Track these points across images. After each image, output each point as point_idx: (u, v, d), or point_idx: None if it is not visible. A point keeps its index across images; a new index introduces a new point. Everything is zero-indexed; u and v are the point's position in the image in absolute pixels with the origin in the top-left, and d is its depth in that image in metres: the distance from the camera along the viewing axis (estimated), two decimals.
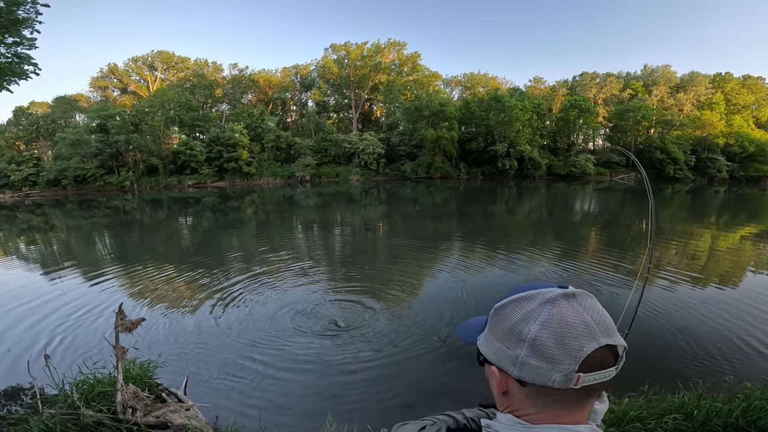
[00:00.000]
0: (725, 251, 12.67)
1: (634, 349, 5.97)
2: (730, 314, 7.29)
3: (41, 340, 6.53)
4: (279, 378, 5.43)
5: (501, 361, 0.70)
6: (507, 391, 0.72)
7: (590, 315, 0.65)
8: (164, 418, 3.94)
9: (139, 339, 6.50)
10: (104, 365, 4.66)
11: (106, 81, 51.08)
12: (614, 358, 0.65)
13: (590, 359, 0.62)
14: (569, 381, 0.62)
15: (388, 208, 24.76)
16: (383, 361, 5.84)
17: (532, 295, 0.69)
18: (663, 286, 8.76)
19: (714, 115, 43.00)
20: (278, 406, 4.84)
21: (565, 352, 0.62)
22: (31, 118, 42.58)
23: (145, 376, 4.90)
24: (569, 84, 51.46)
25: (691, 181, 39.93)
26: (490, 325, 0.75)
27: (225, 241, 14.85)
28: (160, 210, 26.60)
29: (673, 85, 48.87)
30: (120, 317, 4.84)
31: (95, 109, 41.15)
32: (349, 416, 4.49)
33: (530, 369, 0.65)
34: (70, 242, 16.30)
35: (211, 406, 4.74)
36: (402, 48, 49.24)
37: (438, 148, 39.32)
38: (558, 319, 0.64)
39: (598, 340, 0.63)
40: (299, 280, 9.31)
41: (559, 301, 0.66)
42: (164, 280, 9.74)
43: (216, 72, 52.49)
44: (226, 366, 5.71)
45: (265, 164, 41.30)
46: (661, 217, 19.88)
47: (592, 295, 0.69)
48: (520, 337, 0.66)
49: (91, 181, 37.38)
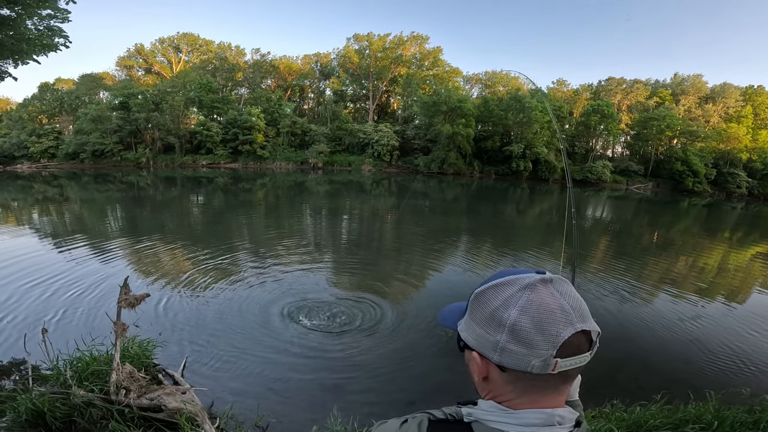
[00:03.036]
0: (736, 267, 12.43)
1: (642, 357, 5.98)
2: (740, 327, 7.29)
3: (43, 313, 6.45)
4: (280, 366, 5.32)
5: (482, 347, 0.70)
6: (487, 377, 0.72)
7: (567, 300, 0.66)
8: (159, 401, 3.79)
9: (141, 316, 6.39)
10: (102, 342, 4.60)
11: (132, 60, 51.98)
12: (589, 344, 0.66)
13: (567, 345, 0.63)
14: (547, 366, 0.63)
15: (398, 200, 24.68)
16: (387, 353, 5.73)
17: (511, 281, 0.69)
18: (672, 295, 8.77)
19: (741, 129, 41.59)
20: (278, 395, 4.73)
21: (543, 338, 0.63)
22: (55, 94, 43.41)
23: (144, 355, 4.81)
24: (593, 88, 50.23)
25: (708, 195, 38.93)
26: (471, 311, 0.75)
27: (234, 223, 14.98)
28: (173, 188, 26.98)
29: (702, 96, 47.35)
30: (124, 292, 4.83)
31: (119, 87, 41.96)
32: (351, 408, 4.39)
33: (510, 354, 0.65)
34: (82, 214, 16.62)
35: (209, 390, 4.63)
36: (424, 42, 48.77)
37: (453, 144, 38.96)
38: (537, 304, 0.64)
39: (574, 326, 0.63)
40: (306, 267, 9.24)
41: (537, 287, 0.66)
42: (171, 259, 9.76)
43: (238, 56, 52.89)
44: (227, 350, 5.61)
45: (279, 148, 41.60)
46: (674, 229, 19.45)
47: (568, 281, 0.70)
48: (500, 322, 0.66)
49: (109, 156, 38.18)
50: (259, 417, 4.21)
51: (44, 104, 43.32)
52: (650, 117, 41.34)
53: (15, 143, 38.42)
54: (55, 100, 43.15)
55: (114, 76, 51.22)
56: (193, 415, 3.68)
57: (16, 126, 40.73)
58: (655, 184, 41.33)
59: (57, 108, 43.10)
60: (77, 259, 9.43)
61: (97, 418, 3.56)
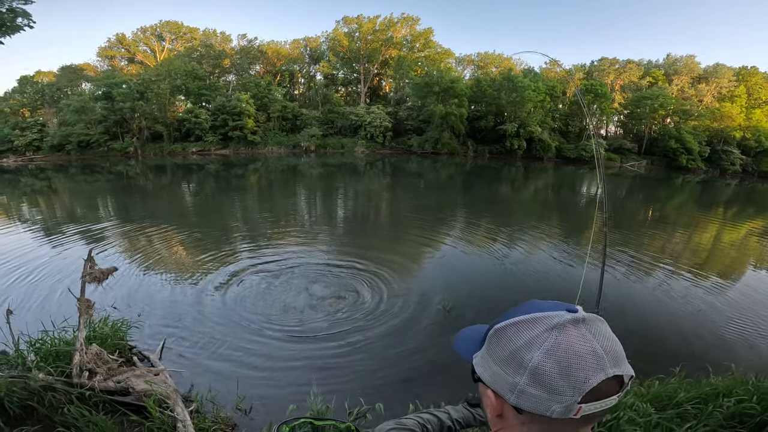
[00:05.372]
0: (732, 244, 12.39)
1: (651, 333, 5.73)
2: (743, 300, 7.28)
3: (24, 297, 6.25)
4: (265, 348, 5.10)
5: (498, 386, 0.65)
6: (501, 415, 0.67)
7: (600, 343, 0.59)
8: (126, 383, 3.54)
9: (118, 298, 6.23)
10: (75, 324, 4.28)
11: (114, 51, 50.31)
12: (619, 386, 0.61)
13: (594, 390, 0.57)
14: (569, 412, 0.58)
15: (393, 180, 24.38)
16: (382, 332, 5.52)
17: (538, 319, 0.63)
18: (689, 273, 8.63)
19: (734, 108, 41.53)
20: (262, 377, 4.54)
21: (568, 384, 0.57)
22: (36, 87, 42.38)
23: (116, 336, 4.54)
24: (586, 69, 49.70)
25: (703, 172, 39.03)
26: (489, 347, 0.68)
27: (225, 208, 14.70)
28: (163, 176, 26.54)
29: (695, 76, 47.01)
30: (89, 265, 4.45)
31: (101, 77, 40.81)
32: (341, 388, 4.19)
33: (529, 398, 0.60)
34: (69, 204, 16.26)
35: (188, 372, 4.44)
36: (415, 23, 47.67)
37: (446, 124, 38.46)
38: (564, 347, 0.58)
39: (606, 372, 0.58)
40: (297, 249, 8.98)
41: (567, 327, 0.60)
42: (160, 244, 9.54)
43: (224, 42, 51.35)
44: (209, 332, 5.40)
45: (270, 133, 40.89)
46: (669, 205, 19.38)
47: (603, 320, 0.64)
48: (521, 364, 0.61)
49: (95, 146, 37.23)
50: (240, 398, 4.00)
51: (25, 97, 42.20)
52: (643, 96, 41.08)
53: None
54: (36, 93, 42.00)
55: (96, 67, 49.60)
56: (164, 397, 3.38)
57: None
58: (649, 161, 41.26)
59: (39, 101, 41.96)
60: (62, 246, 9.21)
61: (57, 403, 3.20)
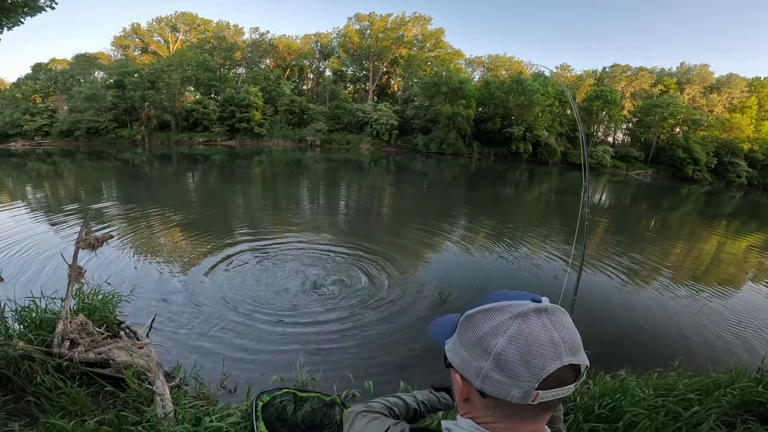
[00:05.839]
0: (732, 255, 12.35)
1: (646, 329, 5.79)
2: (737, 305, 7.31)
3: (6, 268, 6.27)
4: (256, 329, 5.09)
5: (465, 370, 0.69)
6: (468, 399, 0.71)
7: (558, 332, 0.63)
8: (107, 354, 3.45)
9: (113, 273, 6.25)
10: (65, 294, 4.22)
11: (128, 40, 50.85)
12: (575, 376, 0.65)
13: (551, 377, 0.61)
14: (527, 397, 0.62)
15: (397, 178, 24.42)
16: (376, 317, 5.54)
17: (504, 307, 0.67)
18: (685, 278, 8.74)
19: (744, 119, 41.01)
20: (251, 358, 4.53)
21: (527, 370, 0.61)
22: (49, 73, 43.03)
23: (106, 309, 4.50)
24: (597, 74, 49.27)
25: (708, 183, 38.65)
26: (459, 332, 0.72)
27: (228, 198, 14.85)
28: (169, 164, 26.76)
29: (707, 86, 46.54)
30: (85, 231, 4.47)
31: (114, 66, 41.35)
32: (331, 368, 4.21)
33: (492, 382, 0.64)
34: (75, 188, 16.40)
35: (174, 349, 4.41)
36: (427, 23, 47.66)
37: (453, 125, 38.34)
38: (526, 335, 0.62)
39: (562, 360, 0.62)
40: (297, 238, 9.02)
41: (529, 316, 0.64)
42: (160, 226, 9.65)
43: (237, 35, 51.77)
44: (203, 313, 5.40)
45: (276, 126, 41.09)
46: (672, 215, 19.25)
47: (564, 311, 0.68)
48: (486, 349, 0.65)
49: (104, 133, 37.76)
50: (225, 376, 3.99)
51: (38, 83, 42.81)
52: (654, 104, 40.67)
53: (8, 122, 38.01)
54: (49, 79, 42.63)
55: (109, 56, 50.24)
56: (145, 370, 3.33)
57: (9, 105, 40.27)
58: (654, 170, 40.90)
59: (51, 87, 42.54)
60: (61, 224, 9.37)
61: (33, 373, 3.09)
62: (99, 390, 3.22)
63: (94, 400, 3.11)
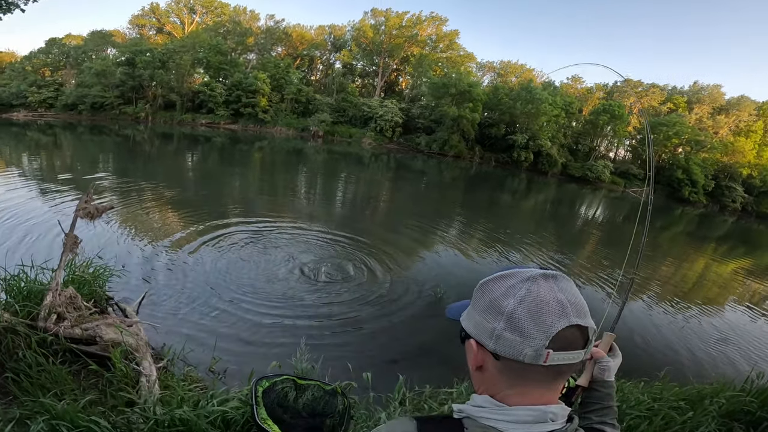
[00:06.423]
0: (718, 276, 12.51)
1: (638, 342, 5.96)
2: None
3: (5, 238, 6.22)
4: (250, 313, 5.06)
5: (479, 334, 0.72)
6: (482, 366, 0.74)
7: (564, 295, 0.68)
8: (94, 331, 3.29)
9: (105, 248, 6.14)
10: (56, 264, 4.00)
11: (145, 19, 50.74)
12: (584, 342, 0.68)
13: (560, 337, 0.65)
14: (539, 357, 0.65)
15: (396, 175, 24.46)
16: (373, 311, 5.57)
17: (514, 273, 0.72)
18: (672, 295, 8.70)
19: (748, 143, 40.96)
20: (244, 342, 4.51)
21: (537, 327, 0.65)
22: (62, 48, 42.94)
23: (96, 284, 4.35)
24: (608, 88, 49.13)
25: (702, 206, 38.69)
26: (474, 300, 0.77)
27: (227, 181, 14.94)
28: (170, 143, 26.72)
29: (717, 106, 46.43)
30: (86, 200, 4.42)
31: (128, 44, 41.32)
32: (327, 356, 4.10)
33: (505, 342, 0.67)
34: (72, 160, 16.40)
35: (163, 328, 4.34)
36: (442, 24, 47.55)
37: (457, 127, 38.26)
38: (534, 295, 0.67)
39: (569, 319, 0.66)
40: (294, 227, 9.01)
41: (538, 280, 0.69)
42: (158, 204, 9.66)
43: (252, 20, 51.72)
44: (196, 294, 5.35)
45: (281, 114, 41.09)
46: (663, 235, 19.37)
47: (569, 279, 0.72)
48: (498, 310, 0.69)
49: (108, 109, 37.74)
50: (214, 360, 3.95)
51: (50, 57, 42.75)
52: (660, 122, 40.51)
53: (14, 92, 37.94)
54: (62, 54, 42.61)
55: (125, 34, 50.08)
56: (133, 349, 3.24)
57: (17, 77, 40.08)
58: (652, 190, 40.87)
59: (62, 62, 42.50)
60: (57, 194, 9.33)
61: (15, 347, 2.92)
62: (81, 368, 3.10)
63: (76, 379, 2.98)
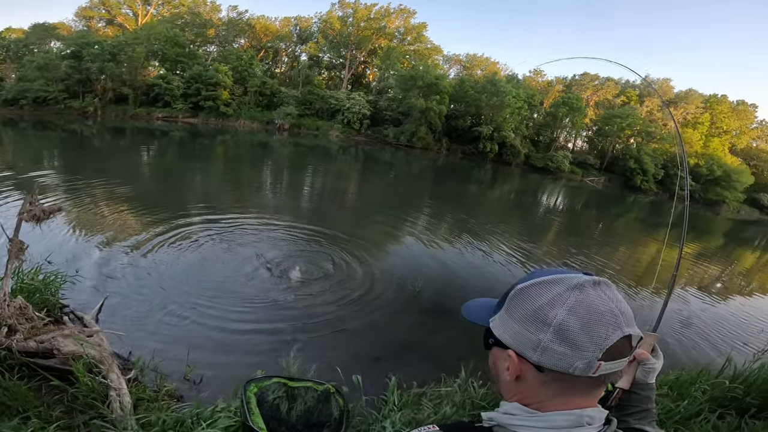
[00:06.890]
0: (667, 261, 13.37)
1: None
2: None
3: None
4: (223, 316, 4.80)
5: (519, 345, 0.67)
6: (520, 377, 0.69)
7: (615, 304, 0.65)
8: (51, 343, 3.08)
9: (54, 252, 5.64)
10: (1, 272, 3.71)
11: (94, 11, 47.14)
12: (630, 348, 0.66)
13: (612, 348, 0.62)
14: (590, 369, 0.62)
15: (365, 167, 24.38)
16: (352, 308, 5.44)
17: (559, 279, 0.67)
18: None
19: (695, 135, 43.63)
20: (218, 347, 4.25)
21: (591, 340, 0.61)
22: (1, 42, 40.08)
23: (47, 292, 4.07)
24: (567, 81, 51.03)
25: (653, 194, 40.97)
26: (509, 307, 0.71)
27: (186, 178, 14.37)
28: (122, 138, 25.45)
29: (666, 99, 49.16)
30: (30, 202, 4.05)
31: (74, 36, 38.74)
32: (312, 356, 4.00)
33: (552, 354, 0.63)
34: (14, 157, 15.27)
35: (128, 337, 4.01)
36: (410, 16, 47.49)
37: (424, 119, 38.61)
38: (586, 305, 0.63)
39: (622, 330, 0.63)
40: (260, 224, 8.66)
41: (586, 288, 0.65)
42: (108, 202, 9.02)
43: (213, 12, 49.27)
44: (160, 297, 4.98)
45: (244, 107, 39.84)
46: (618, 222, 20.36)
47: (612, 285, 0.69)
48: (544, 321, 0.64)
49: (52, 103, 35.13)
50: (189, 368, 3.70)
51: None
52: (614, 114, 42.63)
53: None
54: (1, 48, 39.77)
55: (70, 26, 46.36)
56: (97, 361, 3.01)
57: None
58: (606, 178, 43.01)
59: (1, 56, 39.72)
60: (2, 195, 8.62)
61: None
62: (41, 384, 2.95)
63: (37, 395, 2.83)
